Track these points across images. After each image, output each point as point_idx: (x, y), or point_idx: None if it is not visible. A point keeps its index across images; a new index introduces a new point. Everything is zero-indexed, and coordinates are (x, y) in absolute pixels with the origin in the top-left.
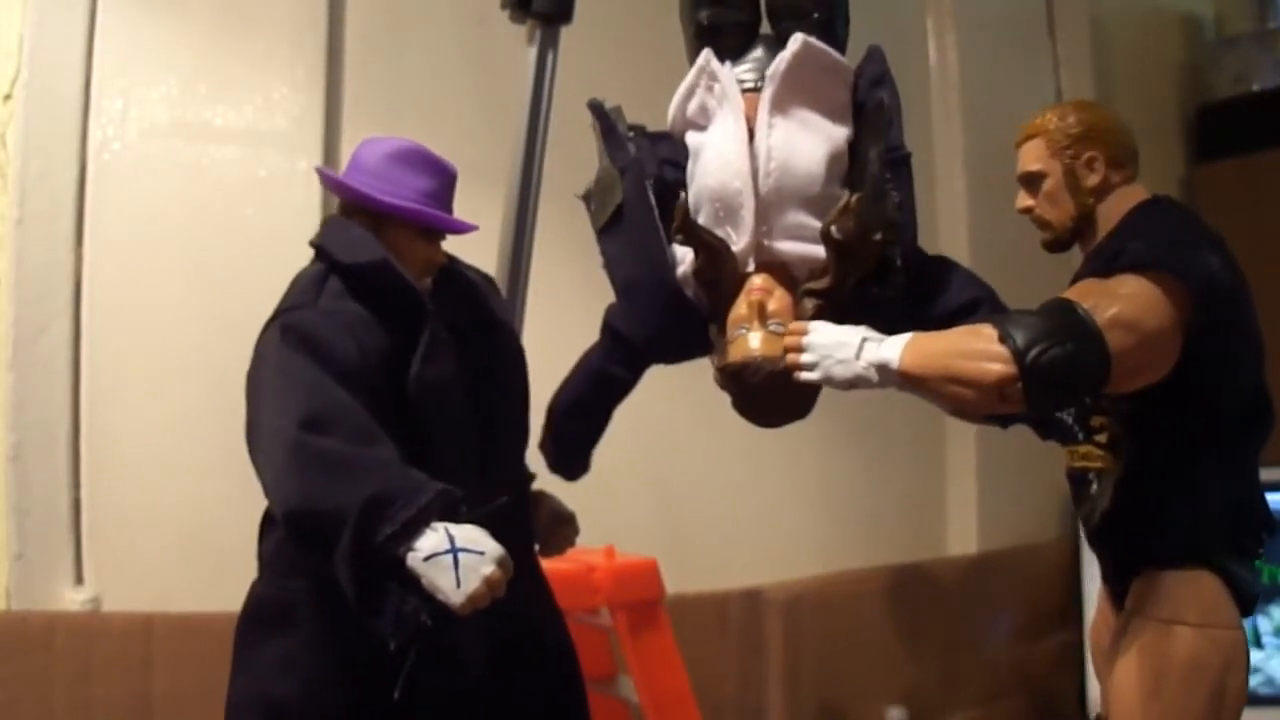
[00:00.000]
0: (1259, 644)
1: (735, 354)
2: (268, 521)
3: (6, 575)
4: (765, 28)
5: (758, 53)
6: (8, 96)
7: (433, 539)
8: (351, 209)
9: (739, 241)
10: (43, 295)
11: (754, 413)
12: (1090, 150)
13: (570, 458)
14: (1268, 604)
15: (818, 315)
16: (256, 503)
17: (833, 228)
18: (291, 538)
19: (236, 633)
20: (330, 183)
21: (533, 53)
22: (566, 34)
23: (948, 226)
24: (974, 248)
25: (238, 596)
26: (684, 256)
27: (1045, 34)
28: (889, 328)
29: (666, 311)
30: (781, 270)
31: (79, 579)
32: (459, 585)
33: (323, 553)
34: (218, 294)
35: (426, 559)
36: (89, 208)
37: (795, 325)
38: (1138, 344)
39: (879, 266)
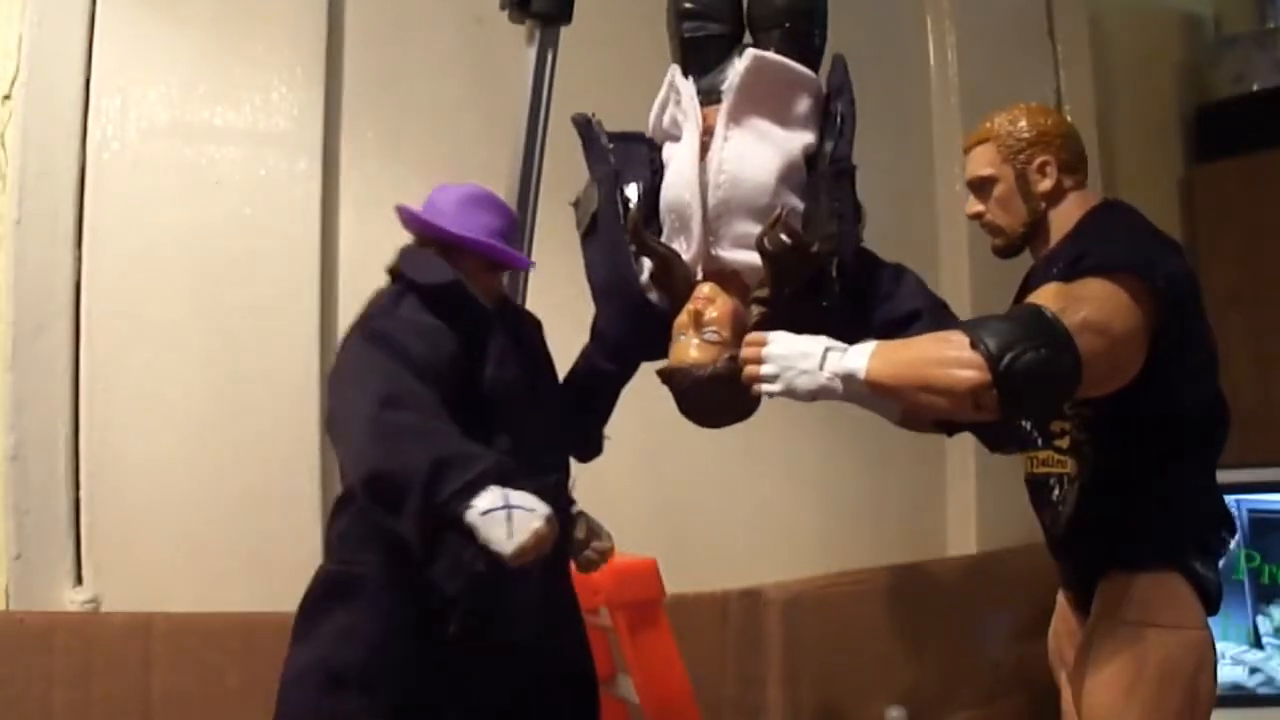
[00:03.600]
0: (1259, 644)
1: (671, 359)
2: (339, 504)
3: (5, 575)
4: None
5: (734, 63)
6: (7, 96)
7: (489, 497)
8: (426, 241)
9: (689, 250)
10: (42, 295)
11: (692, 414)
12: (1042, 155)
13: (581, 441)
14: (1268, 604)
15: (761, 322)
16: (256, 503)
17: (764, 240)
18: (369, 501)
19: (301, 608)
20: (409, 218)
21: (532, 53)
22: (566, 34)
23: (947, 227)
24: (973, 248)
25: (238, 597)
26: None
27: (1045, 34)
28: (831, 336)
29: (633, 315)
30: (733, 279)
31: (78, 579)
32: (510, 536)
33: (395, 515)
34: (217, 293)
35: (483, 514)
36: (88, 208)
37: (754, 336)
38: (1108, 347)
39: (816, 277)
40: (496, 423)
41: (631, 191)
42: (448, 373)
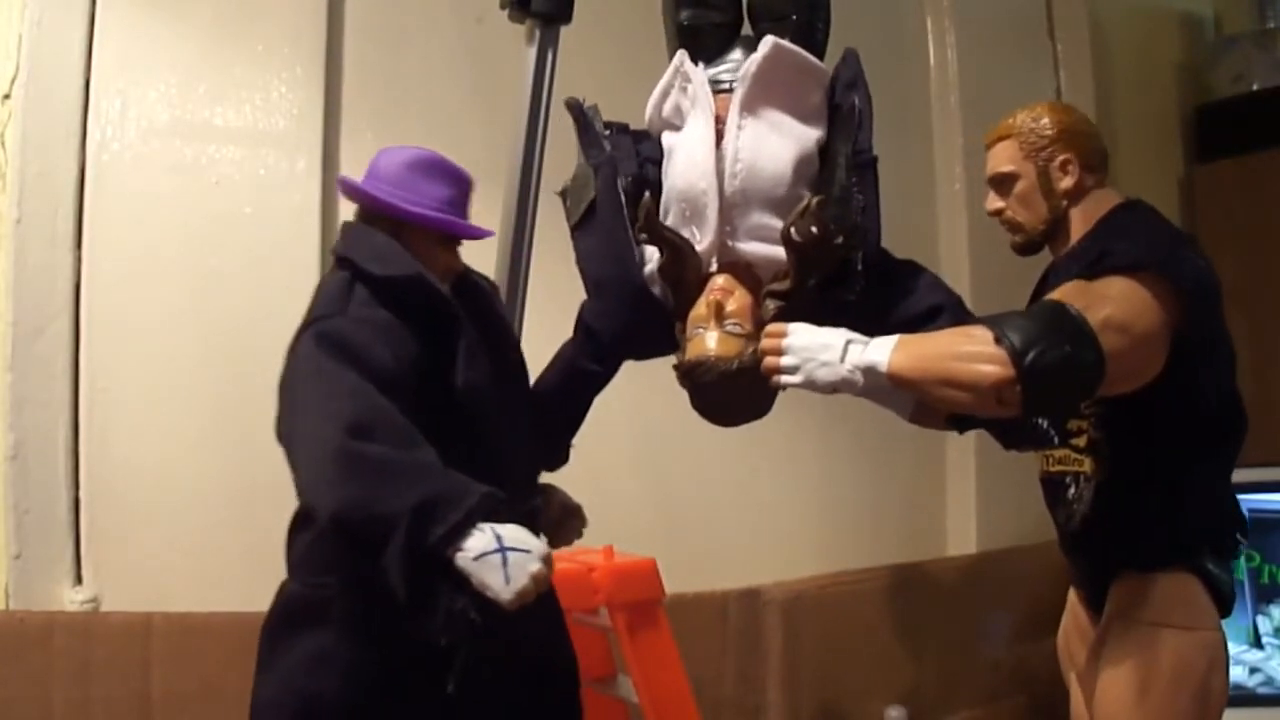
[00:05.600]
0: (1259, 644)
1: (691, 353)
2: (298, 522)
3: (5, 575)
4: (747, 29)
5: (736, 54)
6: (6, 96)
7: (481, 539)
8: (371, 216)
9: (703, 241)
10: (42, 295)
11: (710, 411)
12: (1064, 153)
13: (549, 449)
14: (1268, 604)
15: (778, 316)
16: (256, 503)
17: (792, 230)
18: (337, 537)
19: (265, 631)
20: (352, 190)
21: (532, 52)
22: (566, 33)
23: (947, 227)
24: (973, 248)
25: (238, 596)
26: (652, 255)
27: (1045, 34)
28: (851, 330)
29: (633, 308)
30: (746, 271)
31: (78, 579)
32: (508, 582)
33: (367, 551)
34: (217, 293)
35: (476, 558)
36: (88, 207)
37: (774, 327)
38: (1131, 346)
39: (839, 270)
40: (470, 430)
41: (623, 181)
42: (413, 378)
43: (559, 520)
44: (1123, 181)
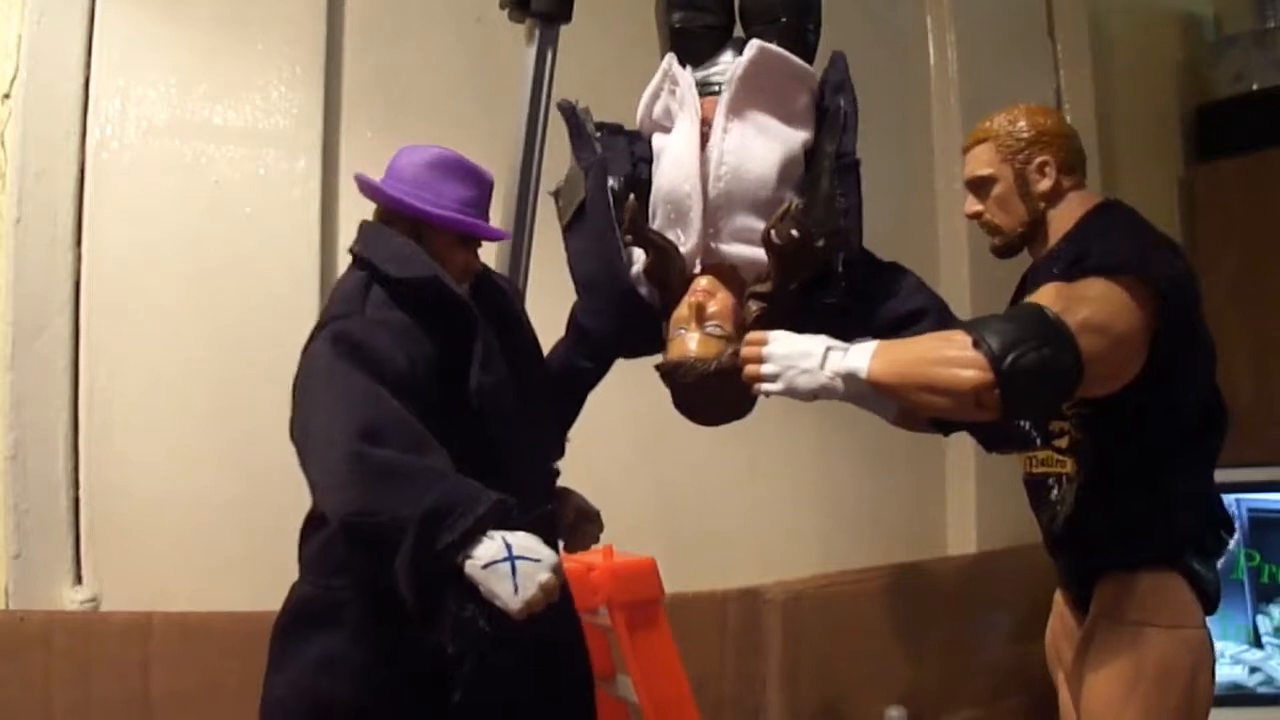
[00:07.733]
0: (1259, 644)
1: (672, 354)
2: (310, 523)
3: (5, 574)
4: (740, 31)
5: (726, 56)
6: (6, 96)
7: (490, 547)
8: (390, 216)
9: (687, 243)
10: (42, 294)
11: (691, 411)
12: (1041, 155)
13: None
14: (1267, 604)
15: (760, 318)
16: (256, 502)
17: (772, 233)
18: (348, 540)
19: (276, 631)
20: (370, 190)
21: (532, 52)
22: (566, 33)
23: (947, 227)
24: (974, 248)
25: (238, 596)
26: (640, 255)
27: (1045, 34)
28: (831, 333)
29: (621, 308)
30: (729, 273)
31: (78, 579)
32: (517, 592)
33: (378, 554)
34: (216, 292)
35: (485, 566)
36: (88, 207)
37: (755, 335)
38: (1109, 348)
39: (821, 272)
40: (485, 432)
41: (614, 181)
42: (428, 381)
43: (574, 525)
44: (1123, 181)
